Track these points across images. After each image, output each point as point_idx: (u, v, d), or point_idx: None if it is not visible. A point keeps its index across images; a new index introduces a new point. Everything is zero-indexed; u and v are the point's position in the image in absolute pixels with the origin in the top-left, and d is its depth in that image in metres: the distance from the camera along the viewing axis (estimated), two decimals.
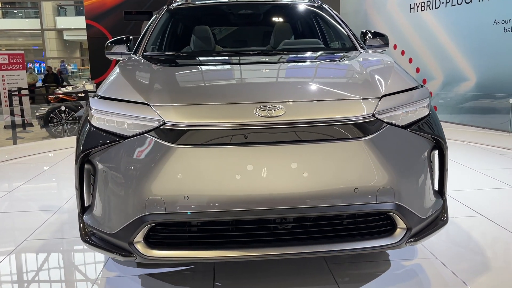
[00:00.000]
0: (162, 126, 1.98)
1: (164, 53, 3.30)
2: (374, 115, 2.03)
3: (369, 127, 2.01)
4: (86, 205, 2.23)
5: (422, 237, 2.15)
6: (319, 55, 3.08)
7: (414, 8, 9.27)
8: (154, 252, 2.00)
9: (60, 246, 3.04)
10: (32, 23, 25.41)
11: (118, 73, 2.48)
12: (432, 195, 2.22)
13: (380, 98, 2.10)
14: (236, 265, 2.58)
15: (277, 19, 3.96)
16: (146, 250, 2.00)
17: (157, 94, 2.14)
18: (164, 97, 2.12)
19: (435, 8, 8.67)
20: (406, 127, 2.12)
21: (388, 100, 2.11)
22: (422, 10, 9.05)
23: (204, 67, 2.89)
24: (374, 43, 3.33)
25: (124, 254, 2.04)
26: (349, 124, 1.98)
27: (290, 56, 3.01)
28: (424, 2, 8.97)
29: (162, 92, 2.18)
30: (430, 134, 2.19)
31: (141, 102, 2.07)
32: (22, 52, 10.53)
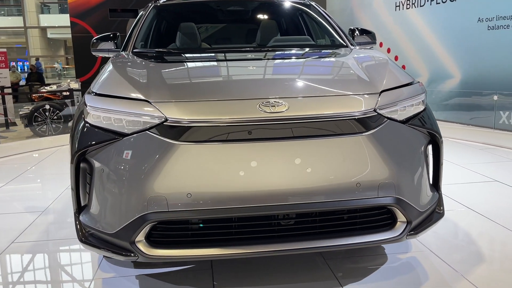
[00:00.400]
0: (164, 123, 1.94)
1: (154, 49, 3.25)
2: (375, 110, 2.05)
3: (370, 122, 2.03)
4: (82, 204, 2.18)
5: (421, 230, 2.18)
6: (314, 52, 3.10)
7: (399, 6, 9.35)
8: (156, 251, 1.97)
9: (50, 248, 2.98)
10: (15, 21, 24.97)
11: (112, 69, 2.43)
12: (429, 189, 2.27)
13: (380, 94, 2.12)
14: (234, 262, 2.56)
15: (265, 16, 3.95)
16: (148, 249, 1.97)
17: (157, 90, 2.10)
18: (165, 93, 2.08)
19: (420, 6, 8.75)
20: (405, 122, 2.15)
21: (387, 95, 2.13)
22: (407, 8, 9.12)
23: (203, 63, 2.87)
24: (361, 40, 3.37)
25: (125, 254, 2.00)
26: (352, 119, 2.00)
27: (286, 52, 3.02)
28: (409, 0, 9.05)
29: (162, 88, 2.14)
30: (427, 128, 2.22)
31: (140, 99, 2.04)
32: (4, 50, 10.34)
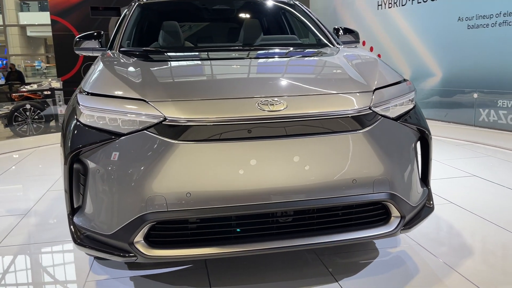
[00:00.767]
0: (163, 122, 1.93)
1: (142, 48, 3.21)
2: (370, 108, 2.09)
3: (366, 120, 2.07)
4: (76, 206, 2.14)
5: (414, 224, 2.24)
6: (307, 51, 3.14)
7: (381, 5, 9.45)
8: (155, 251, 1.96)
9: (38, 251, 2.91)
10: None
11: (104, 68, 2.40)
12: (419, 184, 2.33)
13: (373, 92, 2.17)
14: (229, 260, 2.56)
15: (250, 15, 3.96)
16: (148, 249, 1.95)
17: (154, 89, 2.09)
18: (162, 92, 2.07)
19: (402, 5, 8.86)
20: (397, 119, 2.20)
21: (380, 93, 2.18)
22: (389, 7, 9.23)
23: (196, 62, 2.86)
24: (345, 39, 3.42)
25: (124, 255, 1.98)
26: (348, 117, 2.03)
27: (281, 51, 3.06)
28: None
29: (159, 87, 2.13)
30: (417, 125, 2.28)
31: (136, 98, 2.02)
32: None
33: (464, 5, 7.45)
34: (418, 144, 2.38)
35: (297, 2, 3.82)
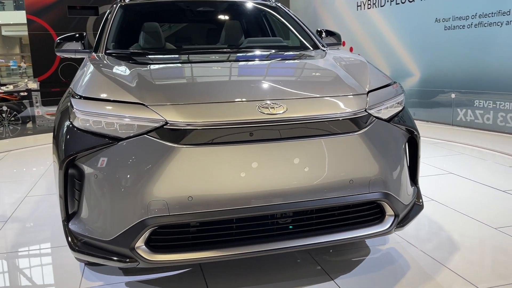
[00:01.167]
0: (164, 126, 1.91)
1: (130, 50, 3.15)
2: (366, 110, 2.15)
3: (362, 122, 2.13)
4: (71, 212, 2.10)
5: (407, 222, 2.31)
6: (297, 54, 3.16)
7: (361, 6, 9.55)
8: (157, 256, 1.94)
9: (25, 260, 2.81)
10: None
11: (96, 71, 2.36)
12: (410, 183, 2.40)
13: (367, 94, 2.22)
14: (224, 262, 2.54)
15: (233, 17, 3.96)
16: (149, 254, 1.93)
17: (152, 93, 2.06)
18: (162, 96, 2.05)
19: (381, 6, 8.98)
20: (389, 121, 2.27)
21: (373, 95, 2.24)
22: (368, 8, 9.34)
23: (192, 65, 2.84)
24: (328, 41, 3.46)
25: (125, 261, 1.96)
26: (346, 119, 2.08)
27: (271, 54, 3.09)
28: (370, 0, 9.26)
29: (158, 91, 2.11)
30: (407, 126, 2.36)
31: (135, 102, 1.99)
32: None
33: (441, 6, 7.59)
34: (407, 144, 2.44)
35: (279, 4, 3.84)
